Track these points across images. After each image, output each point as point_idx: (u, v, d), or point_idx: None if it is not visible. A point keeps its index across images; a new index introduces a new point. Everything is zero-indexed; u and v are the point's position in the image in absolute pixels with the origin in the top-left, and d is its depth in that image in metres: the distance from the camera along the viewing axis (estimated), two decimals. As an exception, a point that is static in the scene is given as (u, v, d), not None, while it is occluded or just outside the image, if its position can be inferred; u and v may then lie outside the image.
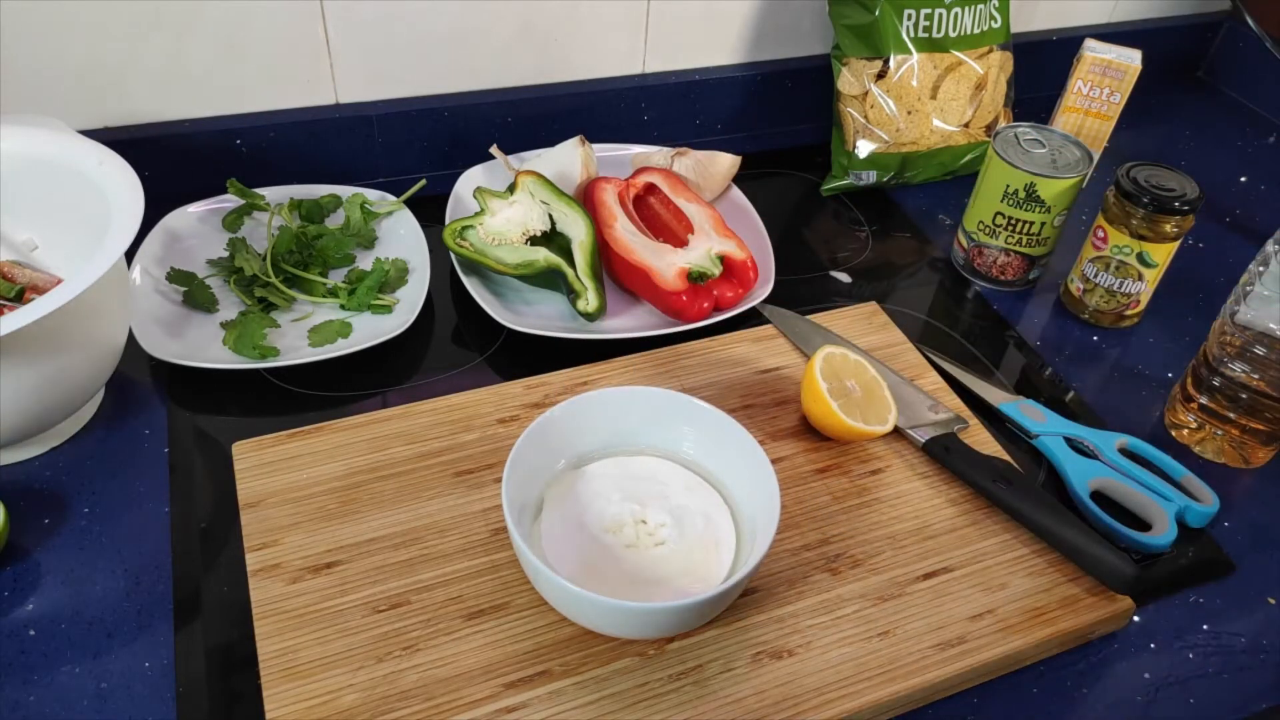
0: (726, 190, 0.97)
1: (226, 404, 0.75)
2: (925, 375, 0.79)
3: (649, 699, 0.56)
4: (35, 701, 0.56)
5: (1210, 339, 0.73)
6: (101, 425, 0.72)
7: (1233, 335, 0.70)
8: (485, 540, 0.64)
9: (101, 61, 0.84)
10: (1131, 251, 0.83)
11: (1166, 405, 0.79)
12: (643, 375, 0.77)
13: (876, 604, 0.62)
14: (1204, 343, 0.74)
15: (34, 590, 0.61)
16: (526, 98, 0.98)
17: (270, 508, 0.65)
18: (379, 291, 0.81)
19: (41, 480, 0.68)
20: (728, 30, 1.04)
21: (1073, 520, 0.64)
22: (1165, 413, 0.79)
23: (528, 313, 0.83)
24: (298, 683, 0.56)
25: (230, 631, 0.60)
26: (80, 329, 0.64)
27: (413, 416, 0.72)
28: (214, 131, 0.90)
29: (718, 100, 1.06)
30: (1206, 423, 0.75)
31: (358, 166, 0.96)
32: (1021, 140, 0.88)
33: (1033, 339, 0.87)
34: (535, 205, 0.84)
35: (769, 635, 0.60)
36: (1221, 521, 0.71)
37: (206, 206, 0.88)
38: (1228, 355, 0.71)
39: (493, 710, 0.55)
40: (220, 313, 0.80)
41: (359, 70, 0.92)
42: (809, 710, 0.57)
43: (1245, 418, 0.72)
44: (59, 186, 0.71)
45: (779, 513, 0.57)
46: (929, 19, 0.97)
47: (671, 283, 0.81)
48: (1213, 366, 0.72)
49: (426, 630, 0.59)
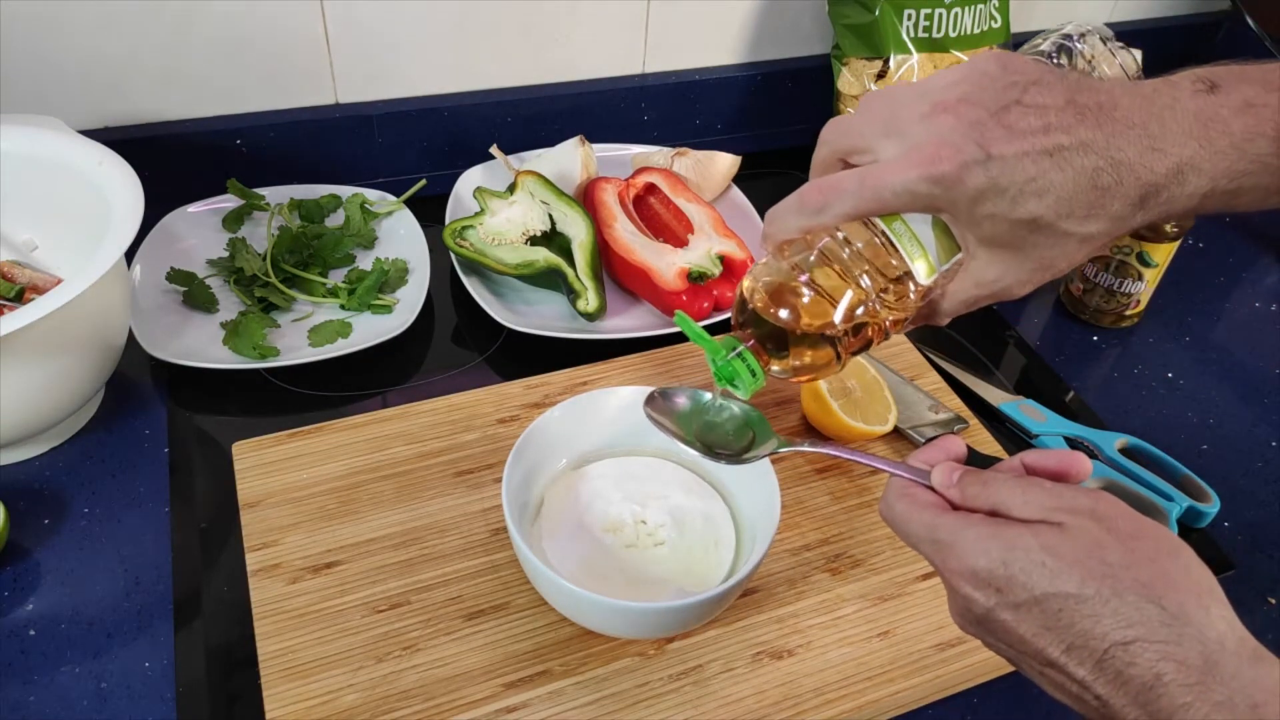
0: (726, 190, 0.97)
1: (226, 404, 0.75)
2: (925, 375, 0.79)
3: (649, 699, 0.56)
4: (35, 701, 0.56)
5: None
6: (101, 425, 0.72)
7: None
8: (485, 540, 0.64)
9: (101, 61, 0.84)
10: (1131, 251, 0.83)
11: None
12: (643, 375, 0.77)
13: (876, 604, 0.62)
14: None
15: (34, 590, 0.61)
16: (526, 98, 0.98)
17: (270, 508, 0.65)
18: (379, 291, 0.81)
19: (41, 480, 0.68)
20: (728, 30, 1.04)
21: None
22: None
23: (528, 313, 0.83)
24: (298, 683, 0.56)
25: (230, 631, 0.60)
26: (80, 329, 0.64)
27: (413, 416, 0.72)
28: (214, 131, 0.89)
29: (718, 100, 1.06)
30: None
31: (358, 166, 0.96)
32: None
33: (1033, 339, 0.87)
34: (535, 205, 0.84)
35: (769, 635, 0.60)
36: (1221, 521, 0.71)
37: (206, 206, 0.88)
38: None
39: (493, 710, 0.55)
40: (220, 313, 0.80)
41: (359, 70, 0.92)
42: (809, 710, 0.57)
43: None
44: (59, 186, 0.71)
45: (779, 513, 0.57)
46: (929, 19, 0.97)
47: (671, 283, 0.81)
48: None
49: (426, 630, 0.59)
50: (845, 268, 0.47)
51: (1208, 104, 0.42)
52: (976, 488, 0.42)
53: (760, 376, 0.49)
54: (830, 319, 0.47)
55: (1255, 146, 0.42)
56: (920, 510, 0.43)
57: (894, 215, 0.46)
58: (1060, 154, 0.42)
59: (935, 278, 0.47)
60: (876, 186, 0.44)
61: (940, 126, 0.43)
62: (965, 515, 0.42)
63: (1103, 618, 0.37)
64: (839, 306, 0.46)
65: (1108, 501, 0.40)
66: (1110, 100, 0.42)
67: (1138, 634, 0.37)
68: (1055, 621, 0.38)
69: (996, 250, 0.45)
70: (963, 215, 0.44)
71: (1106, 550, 0.38)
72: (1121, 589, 0.37)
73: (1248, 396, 0.82)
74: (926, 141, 0.43)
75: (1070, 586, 0.38)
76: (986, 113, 0.42)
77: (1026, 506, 0.41)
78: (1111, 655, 0.37)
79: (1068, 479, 0.43)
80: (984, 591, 0.40)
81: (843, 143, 0.47)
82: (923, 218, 0.46)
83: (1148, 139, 0.42)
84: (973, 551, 0.40)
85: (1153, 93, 0.43)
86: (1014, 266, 0.46)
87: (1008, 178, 0.42)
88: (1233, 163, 0.42)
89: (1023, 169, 0.42)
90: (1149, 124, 0.42)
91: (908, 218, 0.46)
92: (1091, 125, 0.42)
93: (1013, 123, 0.42)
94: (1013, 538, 0.40)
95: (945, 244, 0.47)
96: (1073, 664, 0.38)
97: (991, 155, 0.42)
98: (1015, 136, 0.42)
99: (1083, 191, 0.42)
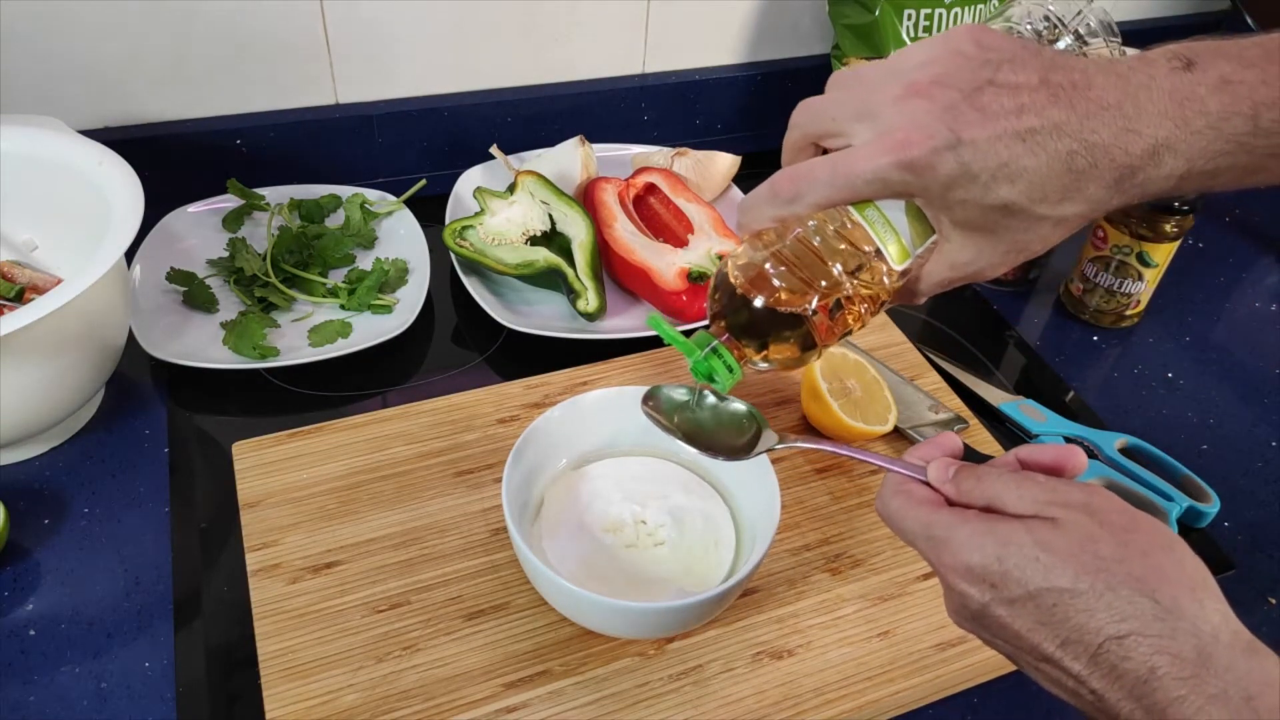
0: (726, 190, 0.97)
1: (226, 404, 0.75)
2: (925, 375, 0.79)
3: (649, 699, 0.56)
4: (35, 701, 0.56)
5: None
6: (101, 425, 0.72)
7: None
8: (485, 540, 0.64)
9: (101, 61, 0.84)
10: (1131, 251, 0.83)
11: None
12: (643, 375, 0.77)
13: (876, 604, 0.62)
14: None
15: (34, 590, 0.61)
16: (526, 98, 0.98)
17: (270, 508, 0.65)
18: (379, 291, 0.81)
19: (41, 480, 0.68)
20: (728, 30, 1.04)
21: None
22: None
23: (528, 313, 0.83)
24: (298, 683, 0.56)
25: (230, 631, 0.60)
26: (80, 329, 0.64)
27: (413, 416, 0.72)
28: (214, 131, 0.89)
29: (718, 100, 1.06)
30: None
31: (358, 166, 0.96)
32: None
33: (1033, 339, 0.87)
34: (535, 205, 0.84)
35: (769, 635, 0.60)
36: (1221, 521, 0.71)
37: (206, 206, 0.88)
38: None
39: (493, 710, 0.55)
40: (220, 313, 0.80)
41: (359, 70, 0.92)
42: (809, 710, 0.57)
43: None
44: (59, 186, 0.71)
45: (779, 512, 0.57)
46: (929, 19, 0.97)
47: (671, 283, 0.81)
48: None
49: (426, 630, 0.59)
50: (819, 254, 0.47)
51: (1184, 82, 0.42)
52: (971, 483, 0.42)
53: (737, 371, 0.49)
54: (805, 305, 0.46)
55: (1231, 125, 0.41)
56: (915, 506, 0.43)
57: (868, 201, 0.46)
58: (1033, 137, 0.41)
59: (909, 262, 0.47)
60: (848, 174, 0.43)
61: (913, 109, 0.42)
62: (960, 511, 0.42)
63: (1097, 612, 0.37)
64: (814, 292, 0.46)
65: (1102, 495, 0.40)
66: (1085, 79, 0.42)
67: (1132, 628, 0.37)
68: (1050, 617, 0.38)
69: (970, 233, 0.45)
70: (935, 200, 0.43)
71: (1100, 544, 0.38)
72: (1115, 583, 0.37)
73: (1248, 396, 0.82)
74: (898, 125, 0.42)
75: (1064, 581, 0.38)
76: (959, 94, 0.41)
77: (1021, 501, 0.41)
78: (1106, 650, 0.37)
79: (1063, 473, 0.43)
80: (979, 587, 0.40)
81: (814, 126, 0.47)
82: (896, 201, 0.46)
83: (1123, 120, 0.41)
84: (967, 547, 0.40)
85: (1128, 71, 0.42)
86: (987, 249, 0.45)
87: (980, 163, 0.41)
88: (1209, 142, 0.42)
89: (995, 154, 0.41)
90: (1124, 104, 0.41)
91: (881, 202, 0.46)
92: (1065, 106, 0.41)
93: (985, 104, 0.41)
94: (1007, 533, 0.40)
95: (919, 227, 0.46)
96: (1068, 659, 0.38)
97: (963, 140, 0.41)
98: (988, 119, 0.41)
99: (1057, 175, 0.41)
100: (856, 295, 0.47)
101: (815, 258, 0.47)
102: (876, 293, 0.48)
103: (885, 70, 0.44)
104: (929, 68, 0.43)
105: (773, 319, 0.47)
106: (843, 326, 0.48)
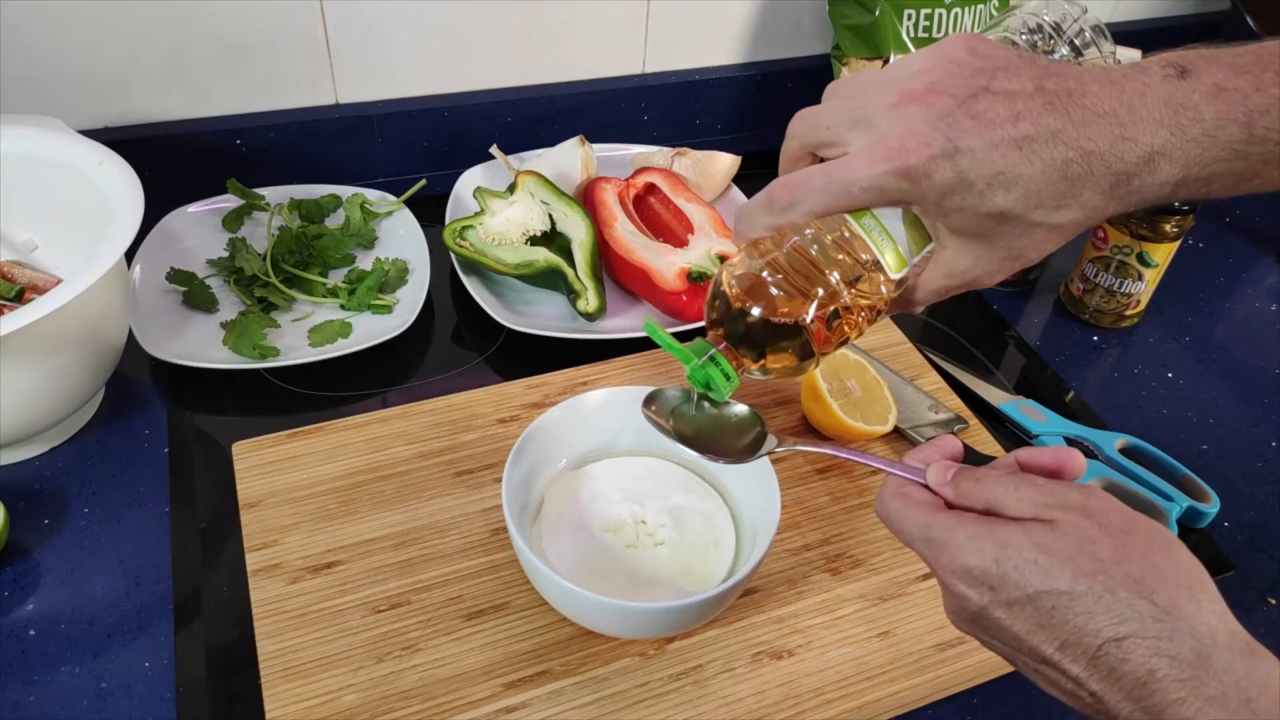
0: (726, 190, 0.97)
1: (226, 404, 0.75)
2: (925, 375, 0.79)
3: (649, 699, 0.56)
4: (35, 701, 0.56)
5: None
6: (101, 425, 0.72)
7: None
8: (485, 540, 0.64)
9: (101, 61, 0.84)
10: (1131, 251, 0.83)
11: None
12: (643, 375, 0.77)
13: (876, 604, 0.62)
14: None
15: (34, 590, 0.61)
16: (526, 98, 0.98)
17: (270, 508, 0.65)
18: (379, 291, 0.81)
19: (41, 480, 0.68)
20: (728, 30, 1.04)
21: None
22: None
23: (528, 313, 0.83)
24: (298, 683, 0.56)
25: (230, 631, 0.60)
26: (80, 329, 0.64)
27: (413, 416, 0.72)
28: (214, 131, 0.90)
29: (718, 100, 1.06)
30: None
31: (358, 166, 0.96)
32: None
33: (1033, 339, 0.87)
34: (535, 205, 0.84)
35: (769, 635, 0.60)
36: (1221, 521, 0.71)
37: (206, 206, 0.88)
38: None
39: (493, 710, 0.55)
40: (220, 313, 0.80)
41: (359, 70, 0.92)
42: (809, 710, 0.57)
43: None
44: (59, 186, 0.71)
45: (779, 513, 0.57)
46: (929, 19, 0.97)
47: (671, 283, 0.81)
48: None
49: (426, 630, 0.59)
50: (816, 262, 0.47)
51: (1178, 89, 0.42)
52: (970, 485, 0.42)
53: (735, 379, 0.49)
54: (803, 314, 0.46)
55: (1226, 133, 0.41)
56: (914, 509, 0.43)
57: (864, 209, 0.46)
58: (1029, 145, 0.41)
59: (906, 271, 0.47)
60: (844, 182, 0.43)
61: (908, 117, 0.42)
62: (958, 514, 0.42)
63: (1095, 614, 0.37)
64: (811, 301, 0.46)
65: (1100, 498, 0.40)
66: (1080, 86, 0.42)
67: (1130, 630, 0.37)
68: (1048, 619, 0.38)
69: (966, 241, 0.45)
70: (931, 207, 0.44)
71: (1098, 546, 0.38)
72: (1113, 585, 0.37)
73: (1248, 396, 0.82)
74: (893, 133, 0.42)
75: (1062, 584, 0.38)
76: (954, 101, 0.42)
77: (1020, 504, 0.41)
78: (1104, 652, 0.37)
79: (1062, 475, 0.43)
80: (977, 590, 0.40)
81: (810, 136, 0.47)
82: (893, 210, 0.46)
83: (1118, 127, 0.41)
84: (966, 550, 0.40)
85: (1123, 79, 0.42)
86: (984, 256, 0.45)
87: (975, 171, 0.41)
88: (1204, 149, 0.42)
89: (990, 162, 0.41)
90: (1119, 112, 0.41)
91: (878, 211, 0.46)
92: (1060, 114, 0.41)
93: (981, 112, 0.41)
94: (1005, 536, 0.40)
95: (916, 235, 0.46)
96: (1066, 661, 0.38)
97: (959, 148, 0.41)
98: (983, 127, 0.41)
99: (1052, 183, 0.42)
100: (854, 304, 0.47)
101: (812, 267, 0.47)
102: (874, 302, 0.48)
103: (880, 79, 0.44)
104: (924, 75, 0.43)
105: (770, 328, 0.47)
106: (840, 335, 0.48)
